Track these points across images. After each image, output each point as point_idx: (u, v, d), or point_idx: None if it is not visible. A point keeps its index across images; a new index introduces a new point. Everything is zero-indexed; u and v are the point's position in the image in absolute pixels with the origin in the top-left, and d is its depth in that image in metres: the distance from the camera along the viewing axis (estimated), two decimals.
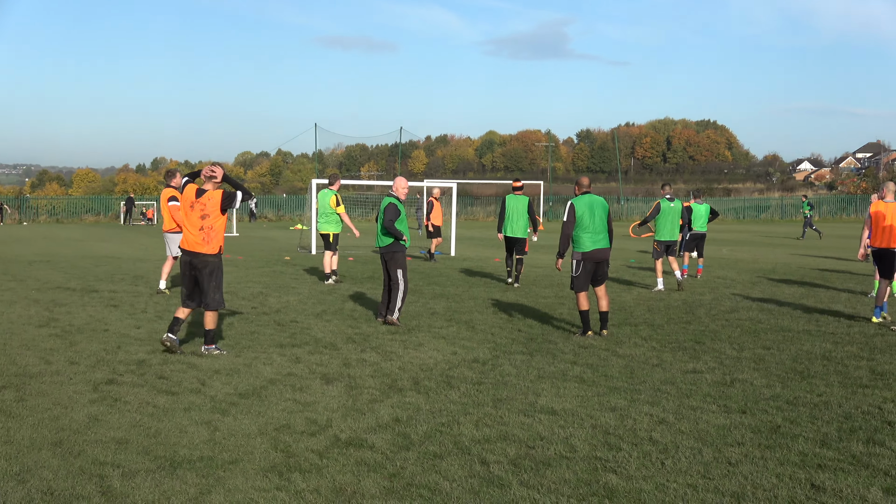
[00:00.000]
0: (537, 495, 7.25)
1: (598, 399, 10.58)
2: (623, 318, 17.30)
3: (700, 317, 17.54)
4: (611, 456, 8.35)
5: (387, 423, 9.42)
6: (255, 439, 8.80)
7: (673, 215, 22.68)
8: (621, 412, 9.96)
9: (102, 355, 12.87)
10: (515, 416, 9.74)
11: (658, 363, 12.82)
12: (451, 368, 12.33)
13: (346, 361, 12.72)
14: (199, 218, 12.98)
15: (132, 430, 9.01)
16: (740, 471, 7.94)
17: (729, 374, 12.05)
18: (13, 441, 8.57)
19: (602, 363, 12.76)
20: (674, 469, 7.98)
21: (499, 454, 8.38)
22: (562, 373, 12.09)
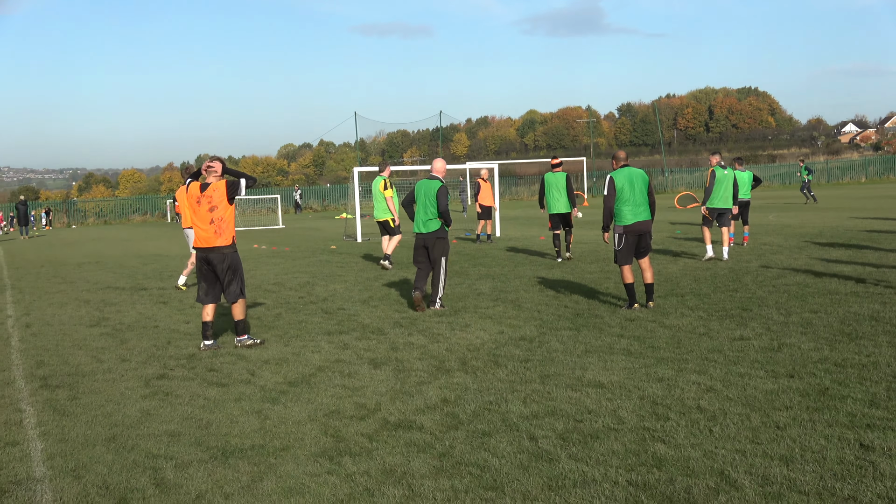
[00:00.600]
0: (586, 468, 7.27)
1: (645, 370, 10.58)
2: (669, 288, 17.24)
3: (747, 284, 17.45)
4: (659, 426, 8.35)
5: (435, 404, 9.47)
6: (305, 426, 8.87)
7: (726, 183, 22.43)
8: (668, 382, 9.96)
9: (153, 351, 13.00)
10: (563, 392, 9.75)
11: (705, 332, 12.79)
12: (498, 347, 12.35)
13: (393, 345, 12.77)
14: (207, 211, 13.08)
15: (184, 423, 9.11)
16: (788, 434, 7.92)
17: (776, 340, 12.01)
18: (68, 439, 8.69)
19: (649, 335, 12.75)
20: (722, 435, 7.98)
21: (547, 429, 8.40)
22: (608, 346, 12.09)
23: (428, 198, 16.04)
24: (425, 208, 16.00)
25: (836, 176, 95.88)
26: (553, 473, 7.17)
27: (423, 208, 16.04)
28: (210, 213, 13.08)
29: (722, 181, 22.37)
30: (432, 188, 15.99)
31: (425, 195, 16.03)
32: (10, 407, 10.02)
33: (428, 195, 16.05)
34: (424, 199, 16.04)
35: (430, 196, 16.01)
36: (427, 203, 16.05)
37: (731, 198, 22.66)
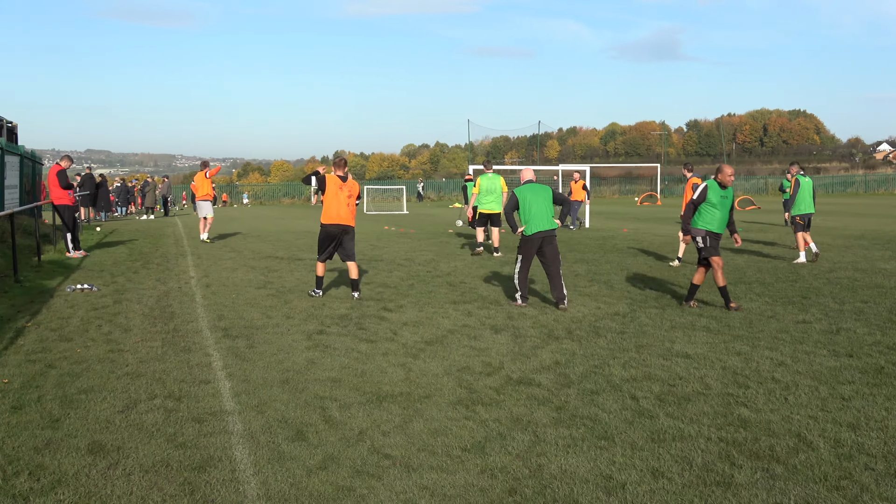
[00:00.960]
0: (682, 425, 7.20)
1: (724, 345, 10.43)
2: (738, 277, 16.98)
3: (804, 276, 17.13)
4: (741, 392, 8.24)
5: (549, 366, 9.43)
6: (442, 378, 8.89)
7: (809, 189, 21.26)
8: (745, 356, 9.82)
9: (311, 311, 13.11)
10: (656, 360, 9.66)
11: (772, 315, 12.58)
12: (597, 320, 12.27)
13: (509, 315, 12.74)
14: (347, 197, 14.56)
15: (343, 371, 9.18)
16: (853, 405, 7.77)
17: (834, 324, 11.77)
18: (249, 380, 8.80)
19: (724, 315, 12.56)
20: (795, 403, 7.84)
21: (645, 391, 8.34)
22: (690, 324, 11.94)
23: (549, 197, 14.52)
24: (543, 208, 14.41)
25: (872, 187, 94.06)
26: (654, 428, 7.12)
27: (543, 208, 14.40)
28: (349, 199, 14.44)
29: (806, 188, 21.25)
30: (544, 191, 14.64)
31: (544, 197, 14.50)
32: (201, 352, 10.17)
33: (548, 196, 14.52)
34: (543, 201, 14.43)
35: (550, 195, 14.58)
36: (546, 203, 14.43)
37: (812, 202, 21.34)
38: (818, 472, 6.08)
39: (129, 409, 7.75)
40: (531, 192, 14.49)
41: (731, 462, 6.30)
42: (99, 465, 6.26)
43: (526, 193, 14.47)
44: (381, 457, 6.46)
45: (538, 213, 14.45)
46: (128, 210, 53.97)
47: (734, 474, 6.05)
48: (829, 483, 5.88)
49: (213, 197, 28.49)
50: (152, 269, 18.84)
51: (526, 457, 6.45)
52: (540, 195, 14.53)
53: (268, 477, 6.04)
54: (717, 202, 13.37)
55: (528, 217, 14.43)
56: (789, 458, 6.37)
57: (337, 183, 14.51)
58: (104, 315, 12.72)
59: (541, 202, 14.48)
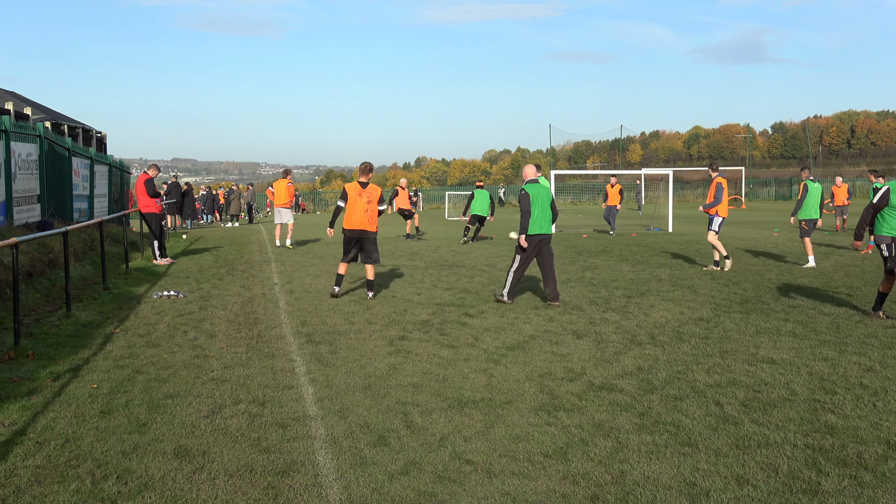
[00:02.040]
0: (767, 431, 7.10)
1: (811, 350, 10.26)
2: (824, 281, 16.71)
3: None
4: (828, 398, 8.10)
5: (631, 371, 9.36)
6: (524, 384, 8.87)
7: (817, 195, 20.83)
8: (832, 361, 9.64)
9: (393, 317, 13.17)
10: (740, 365, 9.53)
11: (860, 320, 12.34)
12: (681, 325, 12.14)
13: (591, 320, 12.67)
14: (365, 203, 15.18)
15: (424, 377, 9.21)
16: None
17: None
18: (332, 385, 8.87)
19: (811, 320, 12.36)
20: (885, 410, 7.69)
21: (730, 397, 8.23)
22: (776, 329, 11.77)
23: (548, 201, 14.65)
24: (546, 212, 14.58)
25: None
26: (739, 435, 7.02)
27: (544, 211, 14.52)
28: (367, 204, 15.13)
29: (814, 194, 20.84)
30: (549, 192, 14.84)
31: (545, 199, 14.59)
32: (284, 357, 10.28)
33: (548, 199, 14.64)
34: (544, 203, 14.56)
35: (551, 198, 14.74)
36: (547, 206, 14.61)
37: (819, 209, 20.88)
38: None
39: (214, 413, 7.85)
40: (537, 190, 14.58)
41: (818, 469, 6.19)
42: (185, 470, 6.36)
43: (532, 191, 14.54)
44: (463, 462, 6.47)
45: (541, 215, 14.50)
46: (213, 218, 54.78)
47: (821, 482, 5.95)
48: None
49: (292, 204, 28.74)
50: (237, 276, 19.09)
51: (608, 463, 6.41)
52: (545, 196, 14.63)
53: (350, 482, 6.08)
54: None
55: (532, 216, 14.48)
56: (878, 465, 6.24)
57: (356, 189, 15.03)
58: (190, 321, 12.92)
59: (546, 203, 14.59)
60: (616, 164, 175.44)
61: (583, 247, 26.52)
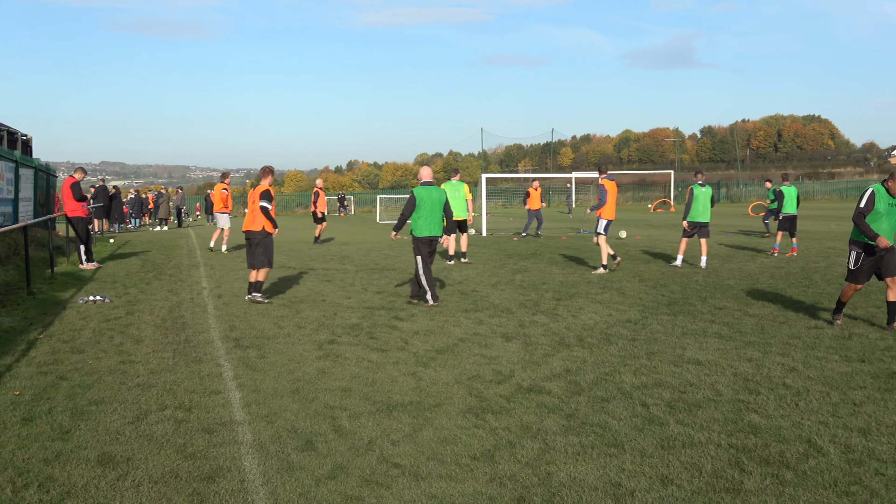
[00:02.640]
0: (692, 432, 7.18)
1: (735, 351, 10.41)
2: (750, 283, 16.96)
3: (817, 281, 17.11)
4: (751, 399, 8.22)
5: (559, 373, 9.42)
6: (452, 387, 8.88)
7: (704, 199, 20.88)
8: (757, 362, 9.79)
9: (323, 321, 13.13)
10: (667, 367, 9.64)
11: (784, 321, 12.55)
12: (609, 327, 12.25)
13: (520, 323, 12.73)
14: (251, 203, 15.36)
15: (353, 381, 9.18)
16: (864, 410, 7.74)
17: (846, 329, 11.74)
18: (260, 390, 8.81)
19: (736, 321, 12.54)
20: (807, 409, 7.82)
21: (656, 398, 8.32)
22: (702, 330, 11.92)
23: (438, 203, 14.76)
24: (435, 214, 14.73)
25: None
26: (664, 435, 7.10)
27: (434, 214, 14.72)
28: (252, 204, 15.30)
29: (699, 198, 20.89)
30: (440, 195, 14.87)
31: (434, 201, 14.73)
32: (212, 362, 10.19)
33: (438, 201, 14.75)
34: (434, 206, 14.71)
35: (441, 202, 14.80)
36: (435, 208, 14.73)
37: (709, 212, 20.94)
38: (828, 477, 6.06)
39: (140, 419, 7.77)
40: (427, 193, 14.76)
41: (741, 468, 6.28)
42: (108, 477, 6.28)
43: (423, 193, 14.72)
44: (391, 466, 6.46)
45: (430, 217, 14.70)
46: (141, 222, 54.17)
47: (744, 481, 6.04)
48: (839, 489, 5.86)
49: (230, 209, 28.50)
50: (165, 281, 18.90)
51: (535, 465, 6.44)
52: (436, 199, 14.77)
53: (276, 487, 6.05)
54: (884, 210, 12.04)
55: (420, 217, 14.67)
56: (799, 464, 6.35)
57: (250, 192, 15.17)
58: (116, 326, 12.76)
59: (436, 205, 14.75)
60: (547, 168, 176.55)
61: (513, 250, 26.65)
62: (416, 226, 14.73)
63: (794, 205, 24.77)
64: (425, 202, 14.67)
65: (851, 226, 13.17)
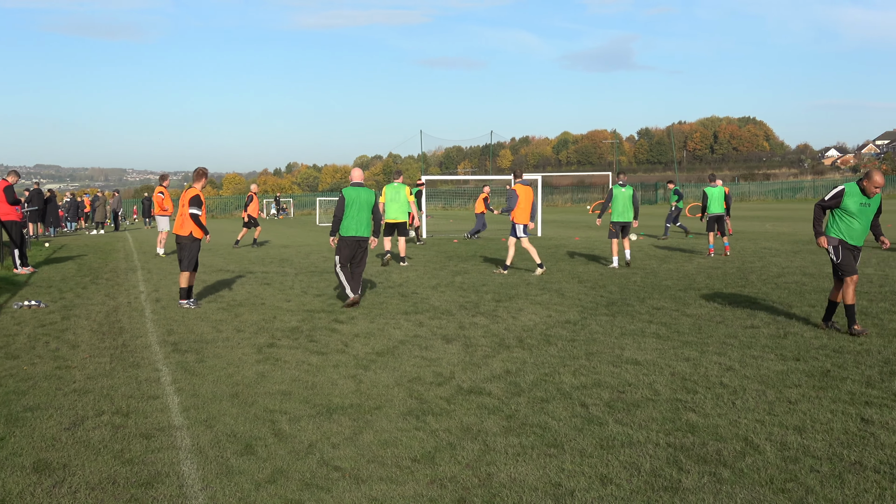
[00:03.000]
0: (631, 431, 7.24)
1: (673, 351, 10.51)
2: (687, 283, 17.14)
3: (753, 281, 17.32)
4: (689, 398, 8.30)
5: (499, 375, 9.45)
6: (393, 389, 8.87)
7: (624, 199, 21.23)
8: (694, 361, 9.89)
9: (262, 324, 13.05)
10: (606, 367, 9.71)
11: (721, 320, 12.69)
12: (548, 328, 12.31)
13: (461, 325, 12.75)
14: (181, 207, 15.11)
15: (293, 384, 9.14)
16: (800, 408, 7.85)
17: (782, 329, 11.89)
18: (199, 394, 8.74)
19: (674, 322, 12.66)
20: (743, 407, 7.91)
21: (595, 398, 8.37)
22: (640, 330, 12.02)
23: (366, 205, 14.81)
24: (361, 214, 14.78)
25: (821, 192, 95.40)
26: (603, 435, 7.15)
27: (360, 215, 14.77)
28: (182, 208, 15.05)
29: (619, 197, 21.25)
30: (368, 196, 14.92)
31: (361, 202, 14.79)
32: (149, 367, 10.09)
33: (365, 203, 14.80)
34: (361, 207, 14.77)
35: (369, 203, 14.85)
36: (363, 209, 14.79)
37: (631, 212, 21.26)
38: (764, 475, 6.14)
39: (76, 426, 7.67)
40: (356, 193, 14.84)
41: (679, 467, 6.34)
42: (44, 484, 6.19)
43: (351, 194, 14.81)
44: (331, 469, 6.44)
45: (357, 218, 14.77)
46: (77, 225, 53.49)
47: (682, 479, 6.09)
48: (775, 486, 5.94)
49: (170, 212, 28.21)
50: (101, 285, 18.68)
51: (475, 466, 6.45)
52: (363, 200, 14.84)
53: (216, 492, 6.00)
54: (855, 210, 11.53)
55: (347, 217, 14.74)
56: (736, 461, 6.42)
57: (181, 195, 15.08)
58: (52, 332, 12.59)
59: (363, 206, 14.81)
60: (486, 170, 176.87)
61: (453, 252, 26.71)
62: (343, 225, 14.79)
63: (720, 205, 24.70)
64: (353, 202, 14.73)
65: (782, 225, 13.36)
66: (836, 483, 5.96)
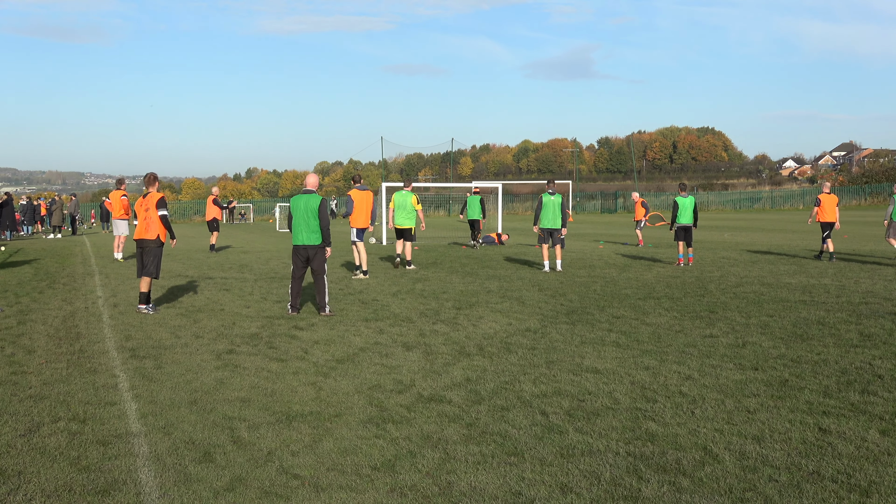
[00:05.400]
0: (591, 440, 7.25)
1: (633, 360, 10.54)
2: (647, 292, 17.21)
3: (711, 291, 17.43)
4: (649, 407, 8.33)
5: (460, 382, 9.44)
6: (353, 397, 8.84)
7: (553, 207, 21.91)
8: (654, 370, 9.93)
9: (221, 330, 12.98)
10: (566, 375, 9.72)
11: (680, 330, 12.76)
12: (509, 336, 12.32)
13: (421, 332, 12.74)
14: (144, 211, 15.07)
15: (252, 391, 9.09)
16: (758, 417, 7.90)
17: (740, 338, 11.97)
18: (157, 401, 8.67)
19: (633, 330, 12.71)
20: (702, 417, 7.95)
21: (555, 406, 8.38)
22: (600, 339, 12.05)
23: (310, 212, 14.54)
24: (307, 223, 14.55)
25: (778, 203, 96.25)
26: (564, 444, 7.16)
27: (305, 222, 14.56)
28: (146, 212, 14.99)
29: (548, 205, 21.93)
30: (313, 203, 14.64)
31: (305, 210, 14.59)
32: (107, 373, 10.00)
33: (309, 210, 14.56)
34: (305, 214, 14.58)
35: (313, 210, 14.54)
36: (308, 217, 14.53)
37: (560, 219, 21.92)
38: (723, 484, 6.17)
39: (32, 432, 7.58)
40: (299, 201, 14.72)
41: (639, 476, 6.36)
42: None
43: (296, 202, 14.73)
44: (290, 477, 6.40)
45: (304, 225, 14.60)
46: (34, 229, 52.97)
47: (641, 488, 6.11)
48: (734, 495, 5.96)
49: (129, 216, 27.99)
50: (58, 290, 18.50)
51: (436, 474, 6.44)
52: (302, 207, 14.66)
53: (174, 500, 5.95)
54: None
55: (293, 225, 14.67)
56: (695, 471, 6.45)
57: (138, 201, 14.98)
58: (7, 336, 12.44)
59: (307, 214, 14.61)
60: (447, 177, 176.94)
61: (413, 258, 26.66)
62: (293, 233, 14.76)
63: (689, 215, 24.39)
64: (296, 210, 14.65)
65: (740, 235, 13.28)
66: (795, 493, 6.00)
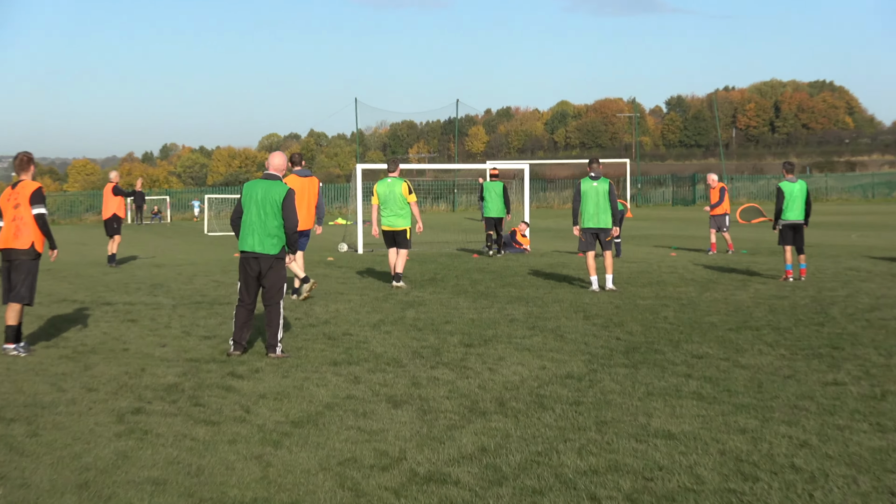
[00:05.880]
0: None
1: (722, 419, 10.50)
2: (742, 320, 17.19)
3: (834, 317, 17.40)
4: (747, 488, 8.27)
5: (471, 454, 9.39)
6: (316, 476, 8.79)
7: (595, 198, 21.51)
8: (753, 434, 9.88)
9: (125, 380, 12.94)
10: (625, 442, 9.67)
11: (790, 374, 12.72)
12: (542, 386, 12.29)
13: (414, 380, 12.71)
14: (13, 209, 14.59)
15: (169, 468, 9.03)
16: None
17: (878, 386, 11.93)
18: (30, 484, 8.60)
19: (722, 376, 12.67)
20: (825, 502, 7.89)
21: (611, 488, 8.32)
22: (675, 388, 12.02)
23: (270, 206, 14.27)
24: (262, 221, 14.26)
25: None
26: None
27: (260, 221, 14.27)
28: (15, 210, 14.60)
29: (589, 195, 21.50)
30: (275, 193, 14.37)
31: (263, 202, 14.28)
32: None
33: (269, 203, 14.28)
34: (262, 208, 14.28)
35: (274, 204, 14.26)
36: (266, 213, 14.26)
37: (608, 215, 21.55)
38: None
39: None
40: (255, 189, 14.52)
41: None
42: None
43: (249, 189, 14.59)
44: None
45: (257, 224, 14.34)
46: None
47: None
48: None
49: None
50: None
51: None
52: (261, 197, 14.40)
53: None
54: None
55: (243, 223, 14.45)
56: None
57: (6, 193, 14.64)
58: None
59: (267, 208, 14.31)
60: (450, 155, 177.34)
61: (404, 272, 26.65)
62: (240, 235, 14.52)
63: (800, 208, 23.70)
64: (250, 201, 14.36)
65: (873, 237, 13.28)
66: None
